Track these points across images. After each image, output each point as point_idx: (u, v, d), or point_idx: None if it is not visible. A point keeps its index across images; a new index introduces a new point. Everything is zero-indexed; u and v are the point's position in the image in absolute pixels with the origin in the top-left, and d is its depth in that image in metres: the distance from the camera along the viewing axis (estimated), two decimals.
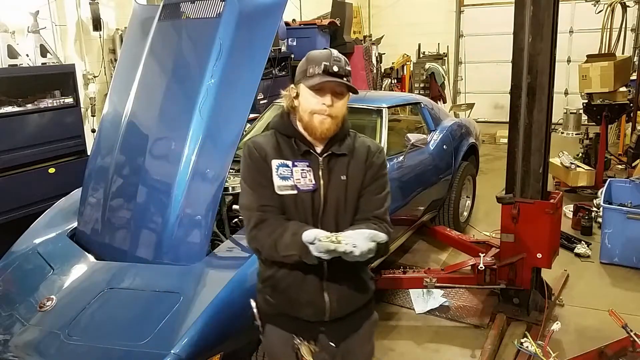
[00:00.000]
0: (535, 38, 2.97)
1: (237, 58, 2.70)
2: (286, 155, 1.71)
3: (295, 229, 1.60)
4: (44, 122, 4.22)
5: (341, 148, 1.73)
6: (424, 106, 4.67)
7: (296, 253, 1.58)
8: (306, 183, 1.68)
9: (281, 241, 1.61)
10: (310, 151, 1.71)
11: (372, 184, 1.76)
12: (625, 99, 5.77)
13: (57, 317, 2.34)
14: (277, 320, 1.80)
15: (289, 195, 1.68)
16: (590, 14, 7.40)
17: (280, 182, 1.67)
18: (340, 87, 1.65)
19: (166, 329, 2.11)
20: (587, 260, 4.26)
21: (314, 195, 1.69)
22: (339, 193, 1.71)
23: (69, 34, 5.30)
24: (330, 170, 1.71)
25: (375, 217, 1.73)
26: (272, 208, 1.67)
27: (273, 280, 1.76)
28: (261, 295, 1.82)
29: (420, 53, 10.05)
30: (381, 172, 1.79)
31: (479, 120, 8.06)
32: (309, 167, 1.70)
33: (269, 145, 1.72)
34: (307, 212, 1.69)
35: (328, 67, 1.62)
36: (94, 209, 2.98)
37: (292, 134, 1.73)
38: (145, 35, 3.06)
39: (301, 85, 1.67)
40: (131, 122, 2.96)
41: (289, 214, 1.69)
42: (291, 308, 1.75)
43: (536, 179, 3.12)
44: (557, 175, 5.87)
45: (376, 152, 1.79)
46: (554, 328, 2.62)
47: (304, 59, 1.70)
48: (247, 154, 1.73)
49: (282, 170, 1.68)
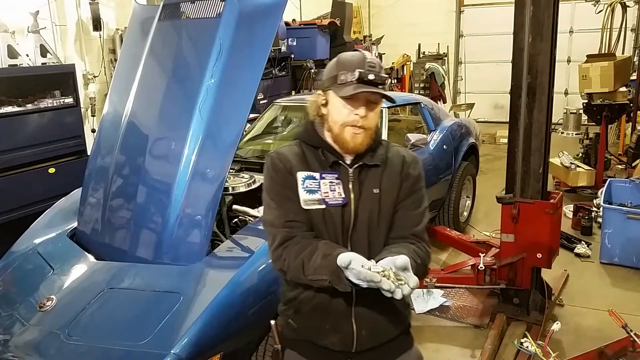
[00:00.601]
0: (535, 38, 2.97)
1: (237, 58, 2.69)
2: (313, 167, 1.57)
3: (327, 250, 1.45)
4: (44, 122, 4.21)
5: (373, 159, 1.58)
6: (424, 106, 4.67)
7: (326, 277, 1.42)
8: (335, 197, 1.54)
9: (310, 263, 1.46)
10: (339, 162, 1.57)
11: (408, 197, 1.61)
12: (625, 99, 5.76)
13: (57, 317, 2.34)
14: (298, 346, 1.66)
15: (316, 210, 1.54)
16: (590, 14, 7.40)
17: (306, 196, 1.54)
18: (375, 96, 1.50)
19: (166, 329, 2.11)
20: (587, 260, 4.26)
21: (344, 210, 1.55)
22: (372, 208, 1.56)
23: (69, 34, 5.30)
24: (362, 183, 1.57)
25: (414, 236, 1.58)
26: (299, 224, 1.54)
27: (297, 303, 1.62)
28: (283, 318, 1.69)
29: (420, 53, 10.05)
30: (418, 185, 1.64)
31: (479, 120, 8.06)
32: (338, 179, 1.56)
33: (294, 156, 1.59)
34: (337, 229, 1.55)
35: (363, 75, 1.46)
36: (94, 209, 2.98)
37: (318, 145, 1.59)
38: (145, 35, 3.06)
39: (331, 92, 1.52)
40: (131, 122, 2.96)
41: (317, 231, 1.56)
42: (315, 335, 1.61)
43: (536, 179, 3.12)
44: (557, 175, 5.87)
45: (412, 163, 1.64)
46: (554, 328, 2.61)
47: (333, 62, 1.56)
48: (271, 165, 1.59)
49: (308, 183, 1.55)
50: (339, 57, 1.55)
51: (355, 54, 1.53)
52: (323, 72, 1.66)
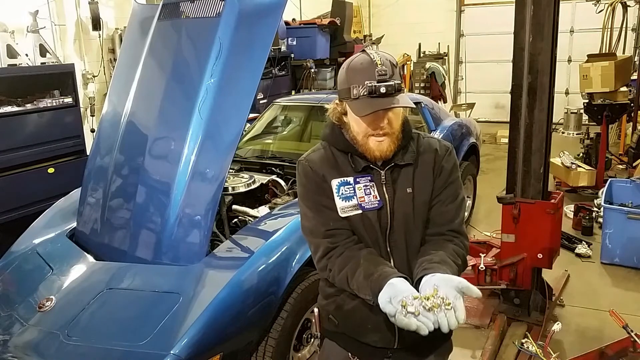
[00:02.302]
0: (535, 37, 2.96)
1: (237, 58, 2.69)
2: (345, 171, 1.53)
3: (369, 269, 1.42)
4: (43, 122, 4.21)
5: (405, 158, 1.54)
6: (424, 106, 4.66)
7: (370, 298, 1.41)
8: (371, 200, 1.51)
9: (353, 279, 1.44)
10: (370, 166, 1.53)
11: (442, 191, 1.56)
12: (626, 98, 5.75)
13: (57, 317, 2.33)
14: (339, 339, 1.67)
15: (354, 216, 1.51)
16: (591, 14, 7.38)
17: (343, 204, 1.51)
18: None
19: (166, 329, 2.10)
20: (588, 261, 4.25)
21: (381, 213, 1.52)
22: (406, 208, 1.53)
23: (68, 33, 5.29)
24: (395, 183, 1.54)
25: (452, 231, 1.55)
26: (340, 232, 1.52)
27: (338, 300, 1.61)
28: (324, 312, 1.68)
29: (420, 53, 10.04)
30: (453, 177, 1.58)
31: (480, 120, 8.07)
32: (371, 181, 1.53)
33: (325, 161, 1.56)
34: (376, 232, 1.53)
35: (374, 89, 1.38)
36: (93, 209, 2.97)
37: (347, 149, 1.54)
38: (144, 35, 3.05)
39: (347, 105, 1.48)
40: (130, 121, 2.95)
41: (357, 235, 1.54)
42: (356, 332, 1.61)
43: (537, 179, 3.11)
44: (557, 175, 5.86)
45: (445, 155, 1.59)
46: (555, 328, 2.61)
47: (343, 71, 1.48)
48: (303, 173, 1.57)
49: (343, 190, 1.52)
50: (349, 66, 1.46)
51: (363, 60, 1.42)
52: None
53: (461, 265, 1.50)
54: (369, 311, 1.52)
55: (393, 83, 1.40)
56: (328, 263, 1.51)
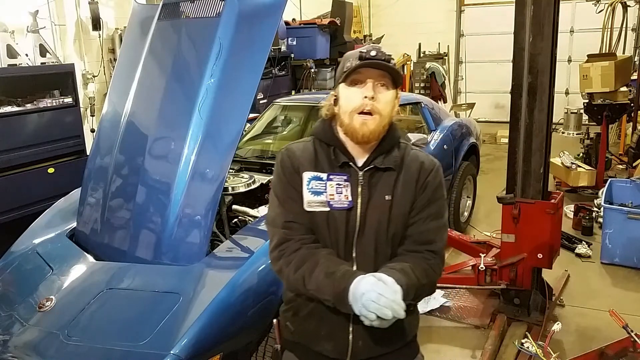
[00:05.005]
0: (536, 37, 2.96)
1: (236, 58, 2.69)
2: (322, 167, 1.50)
3: (330, 267, 1.40)
4: (43, 122, 4.21)
5: (385, 161, 1.49)
6: (424, 106, 4.66)
7: (329, 299, 1.38)
8: (341, 200, 1.46)
9: (311, 279, 1.41)
10: (349, 164, 1.49)
11: (425, 209, 1.50)
12: (626, 98, 5.75)
13: (57, 317, 2.33)
14: (295, 349, 1.63)
15: (320, 213, 1.47)
16: (591, 14, 7.39)
17: (310, 198, 1.47)
18: (383, 76, 1.43)
19: (166, 329, 2.10)
20: (588, 261, 4.25)
21: (349, 215, 1.47)
22: (381, 216, 1.47)
23: (68, 33, 5.29)
24: (372, 188, 1.48)
25: (430, 252, 1.49)
26: (297, 226, 1.48)
27: (295, 305, 1.58)
28: (283, 319, 1.65)
29: (420, 52, 10.04)
30: (437, 195, 1.52)
31: (480, 120, 8.07)
32: (346, 181, 1.48)
33: (305, 154, 1.53)
34: (340, 234, 1.48)
35: (364, 53, 1.42)
36: (93, 209, 2.97)
37: (331, 142, 1.52)
38: (144, 35, 3.05)
39: (340, 86, 1.48)
40: (130, 121, 2.95)
41: (318, 235, 1.50)
42: (309, 339, 1.56)
43: (537, 179, 3.11)
44: (557, 175, 5.86)
45: (431, 170, 1.52)
46: (555, 328, 2.61)
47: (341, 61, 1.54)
48: (280, 162, 1.54)
49: (314, 184, 1.48)
50: (346, 54, 1.53)
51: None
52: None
53: (425, 287, 1.44)
54: (323, 317, 1.49)
55: (384, 50, 1.44)
56: (280, 255, 1.48)
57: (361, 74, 1.43)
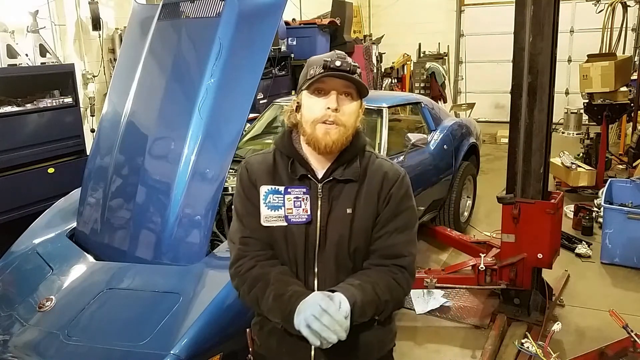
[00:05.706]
0: (536, 37, 2.96)
1: (236, 58, 2.69)
2: (281, 180, 1.45)
3: (279, 289, 1.35)
4: (43, 122, 4.21)
5: (345, 172, 1.42)
6: (424, 106, 4.66)
7: (280, 321, 1.36)
8: (299, 214, 1.41)
9: (263, 300, 1.38)
10: (308, 176, 1.43)
11: (390, 222, 1.43)
12: (626, 98, 5.75)
13: (57, 317, 2.33)
14: None
15: (278, 228, 1.42)
16: (591, 14, 7.38)
17: (267, 212, 1.42)
18: (347, 86, 1.38)
19: (166, 329, 2.10)
20: (588, 261, 4.25)
21: (309, 229, 1.42)
22: (342, 229, 1.41)
23: (68, 33, 5.29)
24: (333, 200, 1.42)
25: (398, 266, 1.42)
26: (253, 241, 1.44)
27: (260, 320, 1.55)
28: (252, 332, 1.62)
29: (420, 52, 10.04)
30: (404, 206, 1.45)
31: (480, 120, 8.06)
32: (305, 194, 1.42)
33: (263, 167, 1.47)
34: (299, 249, 1.43)
35: (329, 62, 1.36)
36: (93, 209, 2.97)
37: (290, 154, 1.46)
38: (144, 35, 3.06)
39: (302, 93, 1.42)
40: (130, 121, 2.95)
41: (277, 249, 1.45)
42: (273, 356, 1.53)
43: (537, 179, 3.11)
44: (557, 175, 5.86)
45: (395, 181, 1.45)
46: (555, 328, 2.61)
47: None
48: (239, 176, 1.51)
49: (271, 198, 1.43)
50: (309, 59, 1.45)
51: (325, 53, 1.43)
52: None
53: (389, 302, 1.39)
54: (284, 334, 1.43)
55: (349, 61, 1.38)
56: (237, 273, 1.45)
57: (325, 84, 1.38)
